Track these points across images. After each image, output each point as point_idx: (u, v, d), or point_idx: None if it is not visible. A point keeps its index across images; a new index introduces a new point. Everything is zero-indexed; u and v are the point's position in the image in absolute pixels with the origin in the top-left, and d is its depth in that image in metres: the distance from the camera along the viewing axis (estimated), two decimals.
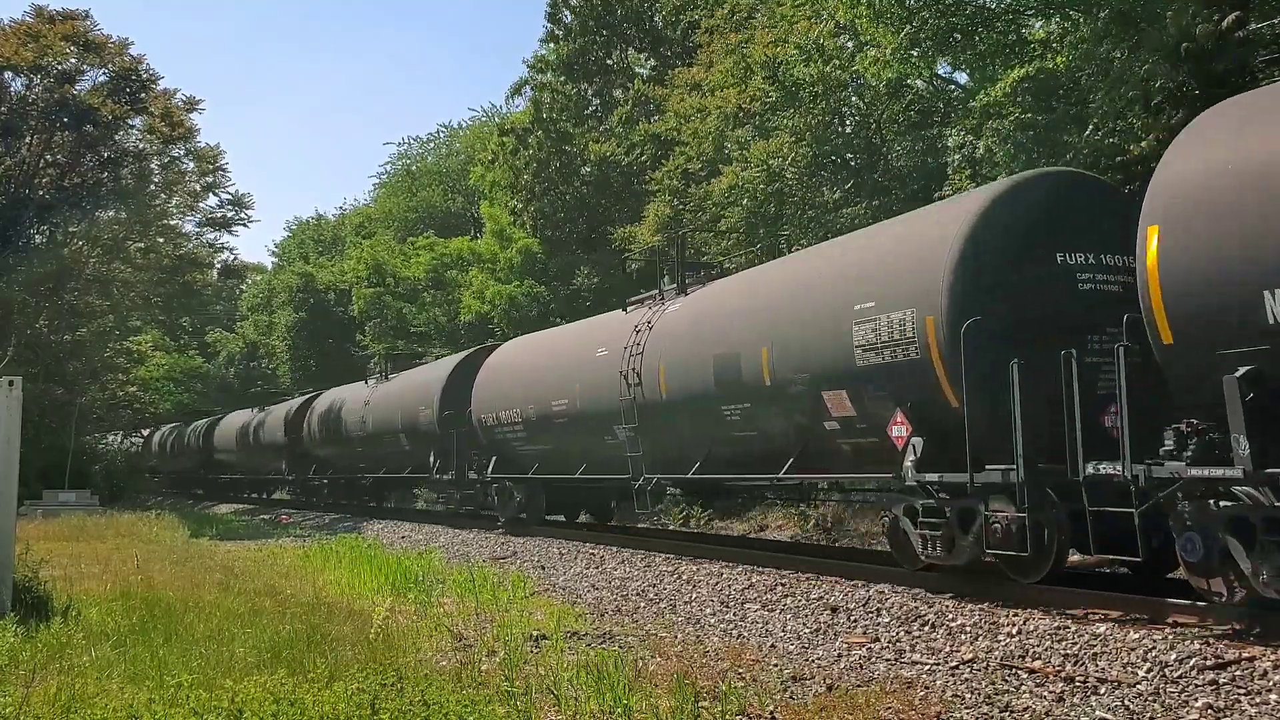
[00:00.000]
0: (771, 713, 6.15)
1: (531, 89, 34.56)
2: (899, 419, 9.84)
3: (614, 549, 15.36)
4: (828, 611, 9.57)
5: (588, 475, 16.73)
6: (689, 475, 13.71)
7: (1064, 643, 7.51)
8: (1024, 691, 6.58)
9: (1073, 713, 6.11)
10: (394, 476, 25.94)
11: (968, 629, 8.27)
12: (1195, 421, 7.45)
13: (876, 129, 20.03)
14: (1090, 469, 8.11)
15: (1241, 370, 6.92)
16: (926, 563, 10.12)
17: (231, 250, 58.90)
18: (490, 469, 19.41)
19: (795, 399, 11.27)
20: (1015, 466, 8.60)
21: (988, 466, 8.98)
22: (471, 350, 23.48)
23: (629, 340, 14.91)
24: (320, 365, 49.22)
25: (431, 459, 22.10)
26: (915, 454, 9.66)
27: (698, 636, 8.91)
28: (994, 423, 8.82)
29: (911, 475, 9.68)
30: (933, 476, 9.58)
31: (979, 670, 7.19)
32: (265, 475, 37.70)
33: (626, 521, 20.39)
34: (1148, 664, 6.79)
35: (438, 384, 22.28)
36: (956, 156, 15.42)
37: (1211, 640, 7.06)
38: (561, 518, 20.56)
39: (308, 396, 33.60)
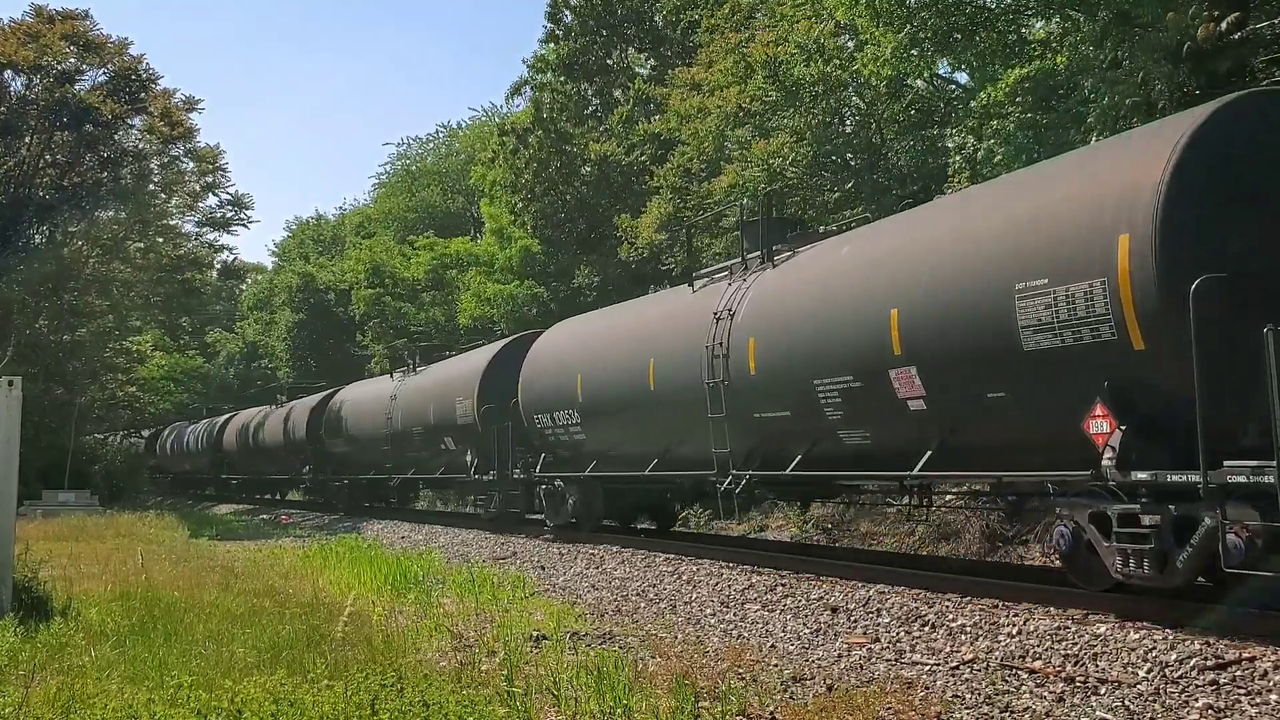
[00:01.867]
0: (771, 713, 6.15)
1: (531, 89, 34.55)
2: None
3: (614, 549, 15.36)
4: (828, 612, 9.57)
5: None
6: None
7: (1064, 643, 7.50)
8: (1024, 692, 6.57)
9: (1073, 713, 6.10)
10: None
11: (968, 629, 8.27)
12: None
13: (877, 129, 20.03)
14: None
15: None
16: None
17: (231, 250, 59.04)
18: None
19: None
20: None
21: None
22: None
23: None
24: (320, 365, 49.24)
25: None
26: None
27: (698, 637, 8.91)
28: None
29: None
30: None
31: (979, 670, 7.19)
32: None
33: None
34: (1148, 664, 6.79)
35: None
36: (957, 158, 15.40)
37: (1212, 640, 7.06)
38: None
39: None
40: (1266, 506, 6.78)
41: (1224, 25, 11.65)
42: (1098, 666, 6.97)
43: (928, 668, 7.40)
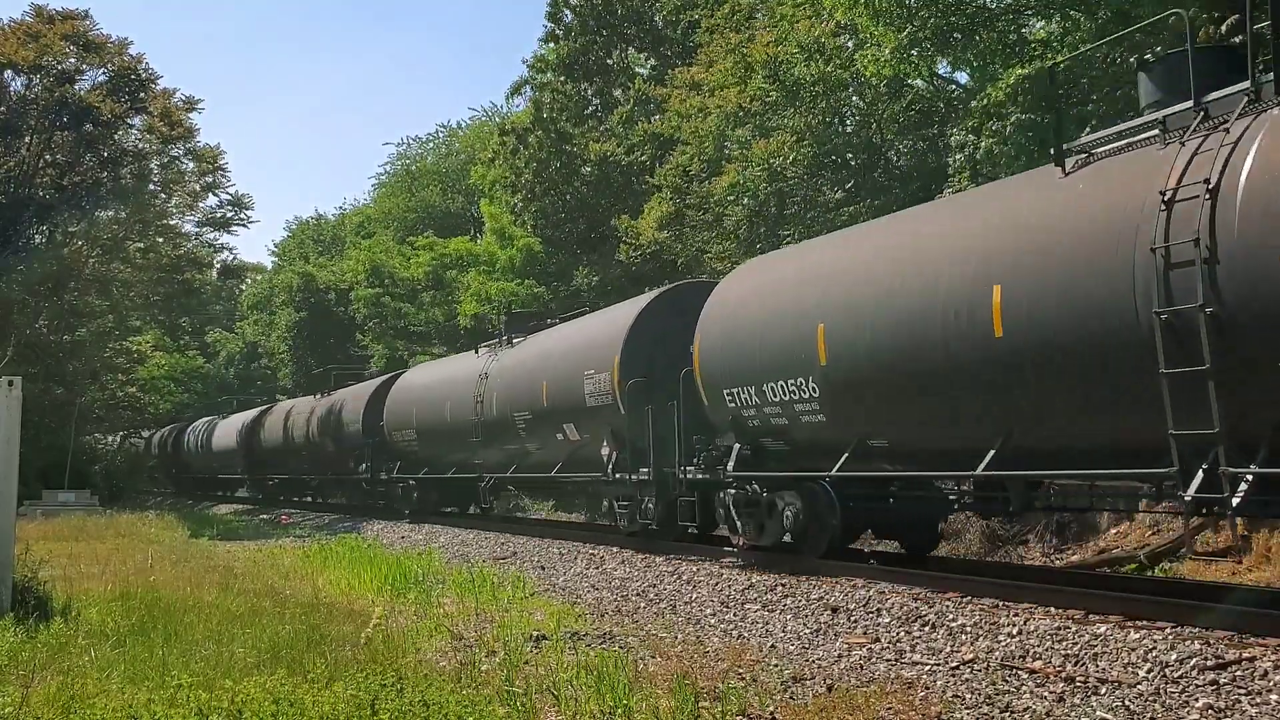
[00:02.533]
0: (772, 713, 6.15)
1: (531, 89, 34.59)
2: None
3: (614, 549, 15.37)
4: (828, 612, 9.57)
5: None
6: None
7: (1064, 643, 7.50)
8: (1024, 692, 6.57)
9: (1073, 713, 6.10)
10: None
11: (968, 629, 8.27)
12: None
13: (877, 129, 20.03)
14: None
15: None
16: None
17: (231, 250, 59.04)
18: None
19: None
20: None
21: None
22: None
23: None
24: (320, 365, 49.25)
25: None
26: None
27: (698, 637, 8.91)
28: None
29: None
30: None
31: (979, 670, 7.18)
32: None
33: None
34: (1148, 664, 6.79)
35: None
36: (959, 157, 15.41)
37: (1212, 640, 7.06)
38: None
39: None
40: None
41: (1224, 28, 11.66)
42: (1098, 666, 6.96)
43: (928, 668, 7.40)
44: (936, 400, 9.52)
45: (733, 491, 12.64)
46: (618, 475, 15.23)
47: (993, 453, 8.89)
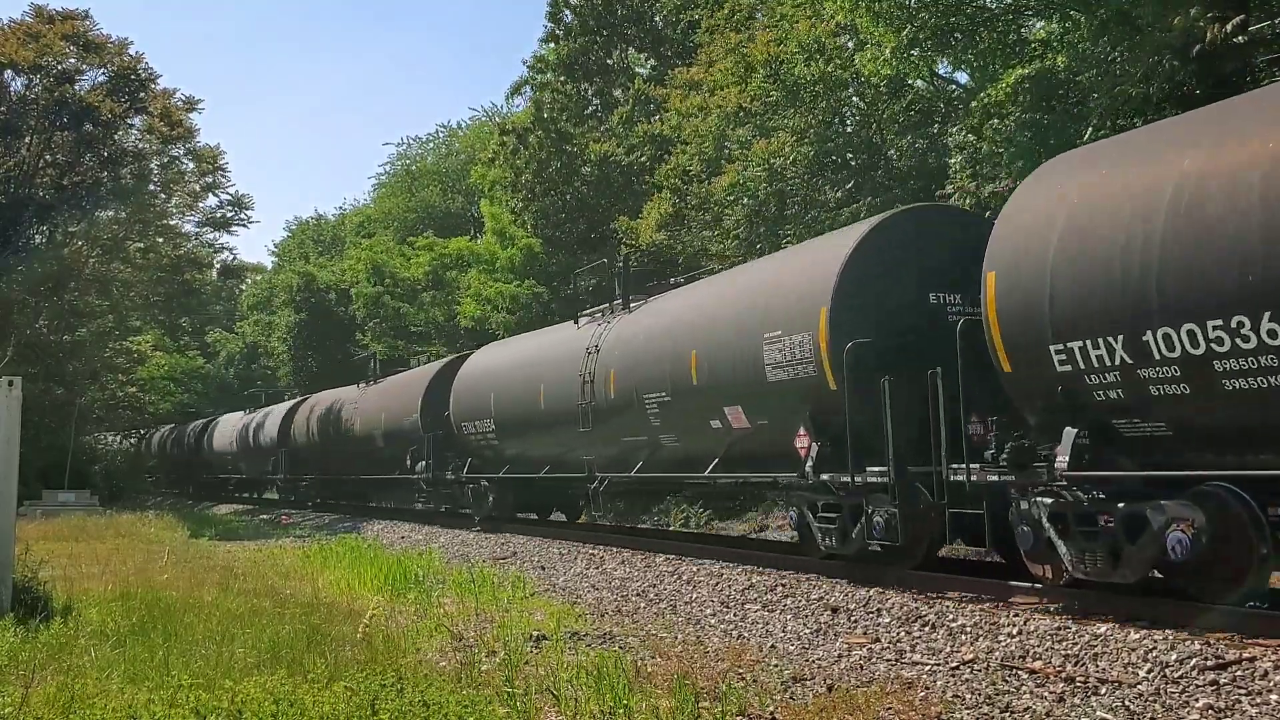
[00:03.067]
0: (772, 713, 6.14)
1: (531, 89, 34.60)
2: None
3: (614, 549, 15.36)
4: (828, 612, 9.57)
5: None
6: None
7: (1064, 643, 7.50)
8: (1024, 692, 6.57)
9: (1073, 713, 6.10)
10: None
11: (968, 629, 8.27)
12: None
13: (877, 128, 20.03)
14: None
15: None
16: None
17: (231, 250, 59.01)
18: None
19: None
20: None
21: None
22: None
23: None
24: (320, 365, 49.28)
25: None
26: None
27: (698, 637, 8.90)
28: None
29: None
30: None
31: (979, 671, 7.18)
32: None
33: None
34: (1148, 664, 6.79)
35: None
36: (959, 157, 15.41)
37: (1212, 640, 7.06)
38: None
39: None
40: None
41: (1229, 27, 11.67)
42: (1098, 666, 6.96)
43: (928, 668, 7.40)
44: None
45: (1050, 501, 8.63)
46: (824, 476, 11.03)
47: None
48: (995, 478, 9.07)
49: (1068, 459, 8.31)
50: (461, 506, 21.98)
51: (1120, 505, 8.13)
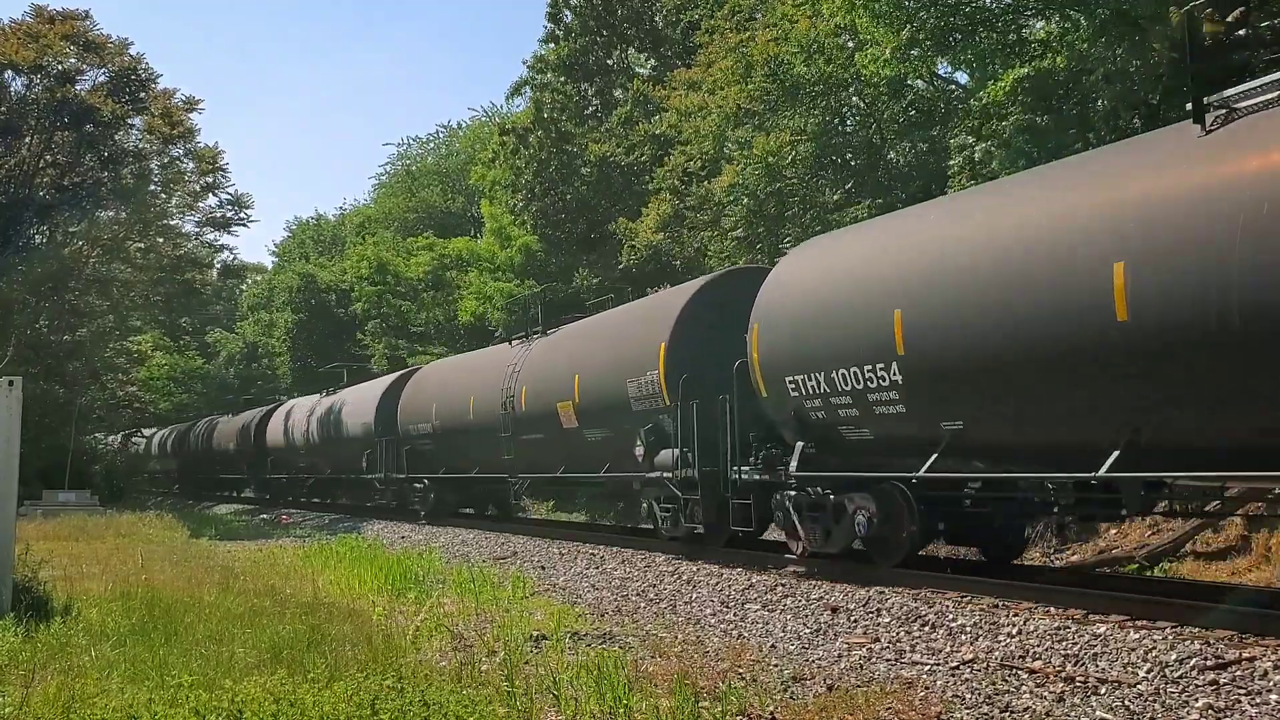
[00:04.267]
0: (772, 713, 6.15)
1: (531, 89, 34.59)
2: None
3: (614, 549, 15.37)
4: (828, 612, 9.57)
5: None
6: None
7: (1064, 643, 7.51)
8: (1024, 692, 6.58)
9: (1073, 713, 6.11)
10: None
11: (968, 629, 8.27)
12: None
13: (877, 129, 20.03)
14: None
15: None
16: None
17: (231, 250, 59.08)
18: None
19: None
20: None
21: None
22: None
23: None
24: (321, 365, 49.29)
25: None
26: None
27: (698, 637, 8.91)
28: None
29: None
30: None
31: (979, 670, 7.19)
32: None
33: None
34: (1148, 664, 6.79)
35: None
36: (958, 159, 15.40)
37: (1212, 640, 7.06)
38: None
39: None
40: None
41: (1230, 18, 11.68)
42: (1098, 666, 6.97)
43: (928, 668, 7.40)
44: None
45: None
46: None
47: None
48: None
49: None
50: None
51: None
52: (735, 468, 12.45)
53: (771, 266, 13.22)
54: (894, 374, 9.77)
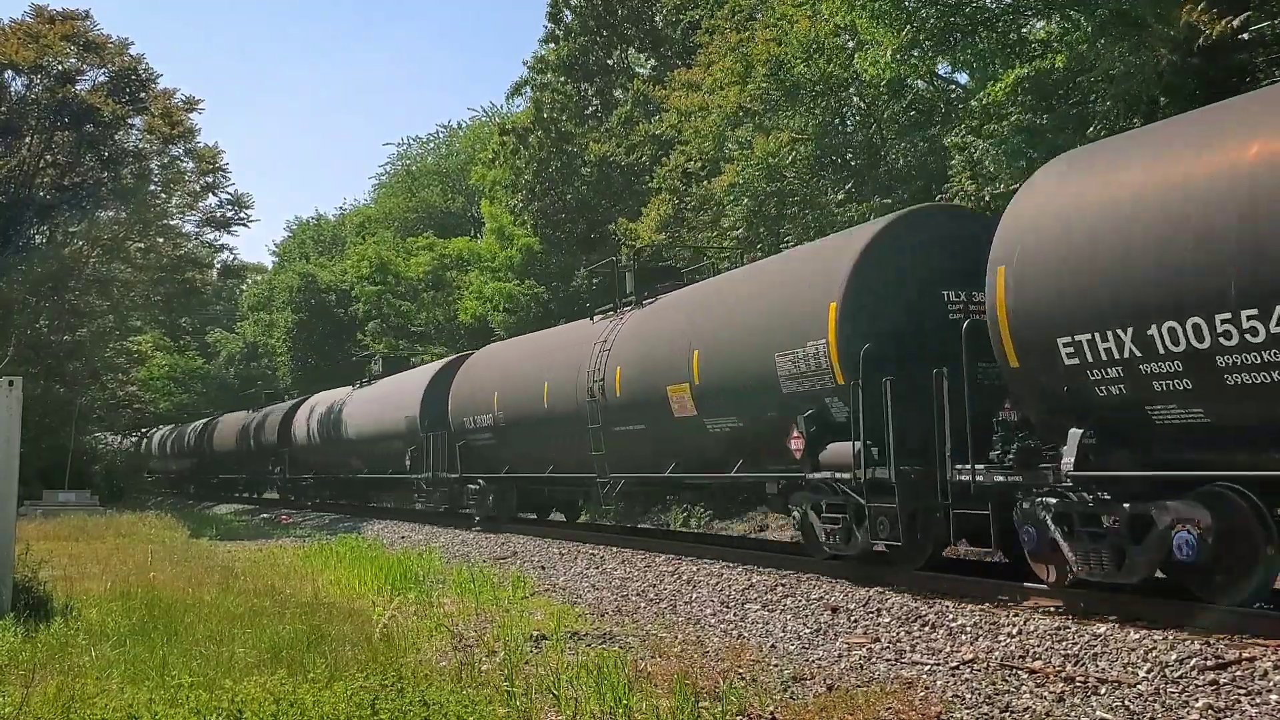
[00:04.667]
0: (772, 713, 6.15)
1: (532, 89, 34.59)
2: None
3: (614, 549, 15.36)
4: (828, 612, 9.57)
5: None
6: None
7: (1064, 643, 7.51)
8: (1024, 692, 6.57)
9: (1073, 713, 6.10)
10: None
11: (968, 629, 8.27)
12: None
13: (877, 129, 20.02)
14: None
15: None
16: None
17: (231, 250, 59.06)
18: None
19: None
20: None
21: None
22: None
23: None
24: (321, 365, 49.29)
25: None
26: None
27: (698, 637, 8.91)
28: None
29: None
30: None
31: (979, 670, 7.19)
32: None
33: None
34: (1148, 664, 6.79)
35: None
36: (959, 158, 15.40)
37: (1212, 640, 7.06)
38: None
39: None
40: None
41: (1236, 22, 11.69)
42: (1098, 666, 6.97)
43: (928, 668, 7.40)
44: None
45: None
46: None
47: None
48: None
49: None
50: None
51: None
52: (960, 466, 9.39)
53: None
54: (1275, 323, 6.80)
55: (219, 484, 44.20)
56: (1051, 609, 8.72)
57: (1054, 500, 8.62)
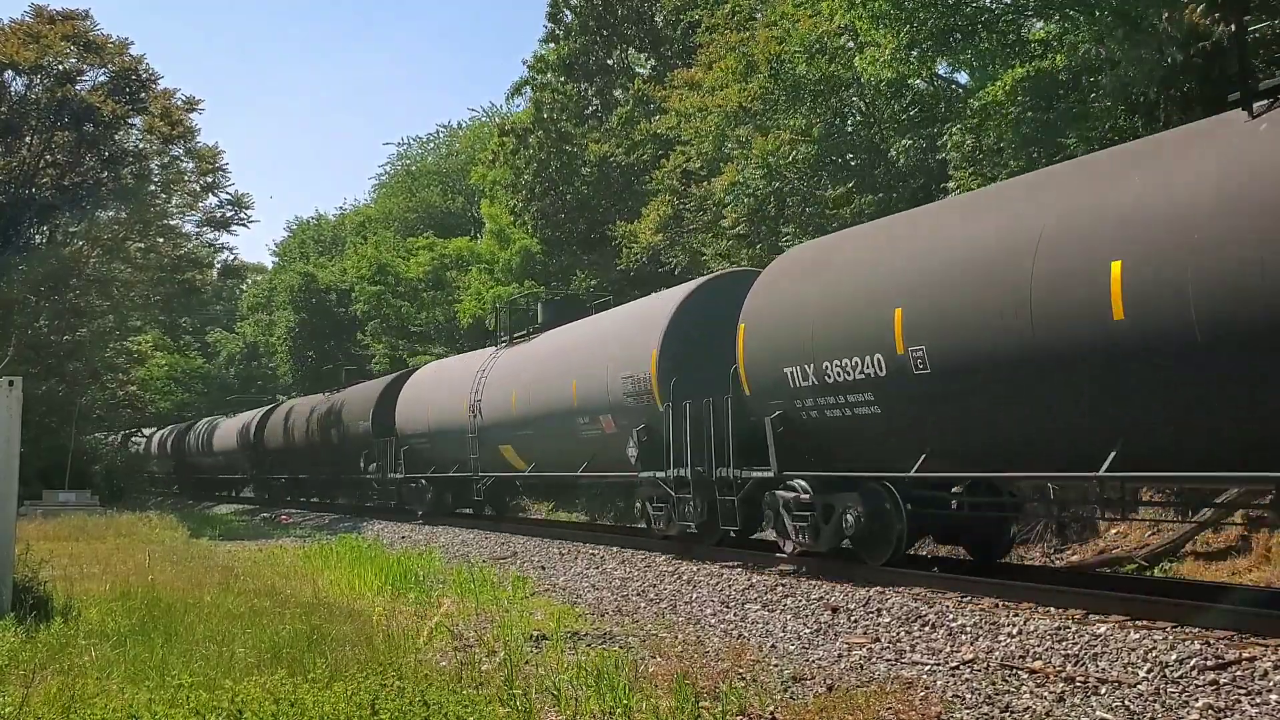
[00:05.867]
0: (772, 713, 6.14)
1: (531, 89, 34.57)
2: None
3: (614, 549, 15.36)
4: (828, 612, 9.57)
5: None
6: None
7: (1064, 643, 7.51)
8: (1024, 692, 6.57)
9: (1073, 713, 6.10)
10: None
11: (968, 629, 8.27)
12: None
13: (877, 128, 20.02)
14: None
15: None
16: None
17: (231, 250, 59.08)
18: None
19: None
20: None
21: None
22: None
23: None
24: (321, 365, 49.28)
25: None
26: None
27: (698, 637, 8.91)
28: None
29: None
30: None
31: (979, 670, 7.19)
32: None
33: None
34: (1148, 664, 6.79)
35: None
36: (955, 155, 15.40)
37: (1212, 640, 7.06)
38: None
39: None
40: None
41: (1234, 26, 11.68)
42: (1098, 666, 6.97)
43: (928, 668, 7.40)
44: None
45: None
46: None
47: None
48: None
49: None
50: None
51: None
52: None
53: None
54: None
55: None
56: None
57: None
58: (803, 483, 11.58)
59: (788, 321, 11.53)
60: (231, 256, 42.06)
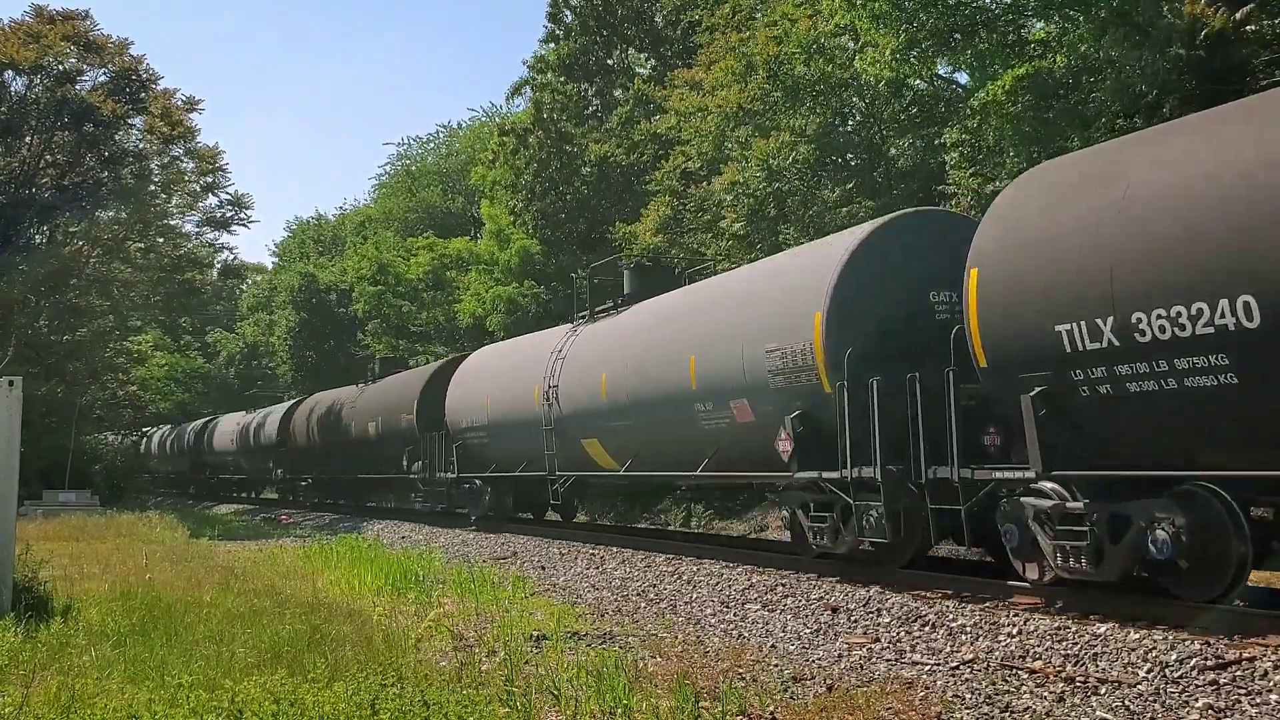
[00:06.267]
0: (772, 713, 6.14)
1: (531, 89, 34.58)
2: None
3: (614, 549, 15.36)
4: (828, 611, 9.57)
5: None
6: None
7: (1064, 643, 7.50)
8: (1024, 692, 6.57)
9: (1073, 713, 6.10)
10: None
11: (968, 629, 8.27)
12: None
13: (877, 128, 20.02)
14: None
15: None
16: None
17: (231, 250, 59.02)
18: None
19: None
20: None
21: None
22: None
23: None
24: (321, 365, 49.28)
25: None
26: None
27: (698, 637, 8.91)
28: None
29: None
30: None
31: (979, 670, 7.19)
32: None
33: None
34: (1148, 664, 6.79)
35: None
36: (954, 154, 15.40)
37: (1212, 640, 7.06)
38: None
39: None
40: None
41: (1238, 16, 11.72)
42: (1098, 666, 6.97)
43: (928, 668, 7.40)
44: None
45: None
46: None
47: None
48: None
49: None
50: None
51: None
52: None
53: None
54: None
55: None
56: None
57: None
58: (1056, 486, 8.54)
59: (1062, 258, 8.12)
60: (231, 256, 42.04)
